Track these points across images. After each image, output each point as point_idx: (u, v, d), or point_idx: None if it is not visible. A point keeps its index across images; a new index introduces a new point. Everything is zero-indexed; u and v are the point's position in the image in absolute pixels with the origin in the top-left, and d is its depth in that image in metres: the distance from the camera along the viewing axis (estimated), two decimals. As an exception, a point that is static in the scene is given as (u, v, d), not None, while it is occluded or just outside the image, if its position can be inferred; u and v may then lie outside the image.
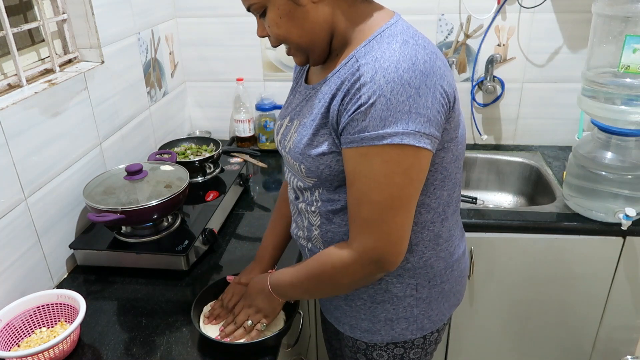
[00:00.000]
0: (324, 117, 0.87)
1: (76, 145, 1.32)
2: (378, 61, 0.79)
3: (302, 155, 0.90)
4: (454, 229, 1.00)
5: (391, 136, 0.78)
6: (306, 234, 1.02)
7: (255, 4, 0.85)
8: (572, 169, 1.53)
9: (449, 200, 0.95)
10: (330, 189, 0.93)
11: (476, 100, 1.94)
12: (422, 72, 0.78)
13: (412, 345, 1.03)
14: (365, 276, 0.89)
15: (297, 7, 0.83)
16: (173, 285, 1.22)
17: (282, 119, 1.01)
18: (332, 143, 0.86)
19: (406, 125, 0.77)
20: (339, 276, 0.90)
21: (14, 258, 1.12)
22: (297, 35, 0.86)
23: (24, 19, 1.29)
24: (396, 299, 0.98)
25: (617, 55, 1.38)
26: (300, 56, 0.91)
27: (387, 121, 0.77)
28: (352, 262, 0.87)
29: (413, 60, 0.79)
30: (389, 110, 0.77)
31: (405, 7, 1.81)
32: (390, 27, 0.84)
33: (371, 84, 0.78)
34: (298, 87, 1.01)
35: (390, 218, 0.82)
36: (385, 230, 0.83)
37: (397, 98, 0.77)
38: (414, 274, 0.96)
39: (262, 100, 1.96)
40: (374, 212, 0.82)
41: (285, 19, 0.84)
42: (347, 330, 1.05)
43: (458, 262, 1.03)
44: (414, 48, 0.80)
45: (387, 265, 0.86)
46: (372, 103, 0.78)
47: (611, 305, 1.62)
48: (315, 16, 0.84)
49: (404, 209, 0.83)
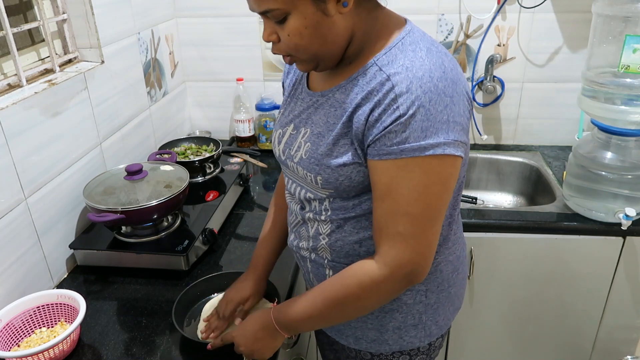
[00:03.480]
0: (345, 127, 0.84)
1: (76, 145, 1.32)
2: (410, 70, 0.78)
3: (319, 166, 0.86)
4: (459, 231, 1.00)
5: (433, 147, 0.77)
6: (311, 245, 0.98)
7: (276, 10, 0.77)
8: (572, 169, 1.53)
9: (454, 203, 0.94)
10: (344, 198, 0.90)
11: (476, 100, 1.94)
12: (452, 80, 0.78)
13: (418, 352, 1.02)
14: (395, 292, 0.86)
15: (325, 18, 0.78)
16: (173, 285, 1.22)
17: (283, 127, 0.96)
18: (354, 154, 0.84)
19: (447, 135, 0.77)
20: (367, 295, 0.85)
21: (14, 258, 1.12)
22: (318, 45, 0.81)
23: (24, 19, 1.29)
24: (405, 306, 0.96)
25: (617, 55, 1.38)
26: (306, 65, 0.85)
27: (428, 132, 0.76)
28: (384, 279, 0.82)
29: (442, 68, 0.78)
30: (429, 120, 0.76)
31: (405, 7, 1.80)
32: (409, 33, 0.83)
33: (408, 94, 0.76)
34: (299, 93, 0.96)
35: (428, 229, 0.81)
36: (422, 243, 0.81)
37: (435, 108, 0.76)
38: (424, 280, 0.94)
39: (262, 100, 1.96)
40: (411, 225, 0.80)
41: (311, 30, 0.79)
42: (351, 342, 1.02)
43: (462, 264, 1.02)
44: (439, 56, 0.80)
45: (418, 278, 0.84)
46: (412, 114, 0.76)
47: (611, 305, 1.62)
48: (339, 26, 0.80)
49: (439, 219, 0.83)
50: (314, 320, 0.91)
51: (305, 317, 0.90)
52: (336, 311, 0.88)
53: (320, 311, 0.88)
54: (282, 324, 0.92)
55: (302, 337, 1.36)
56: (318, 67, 0.86)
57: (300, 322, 0.91)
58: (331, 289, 0.87)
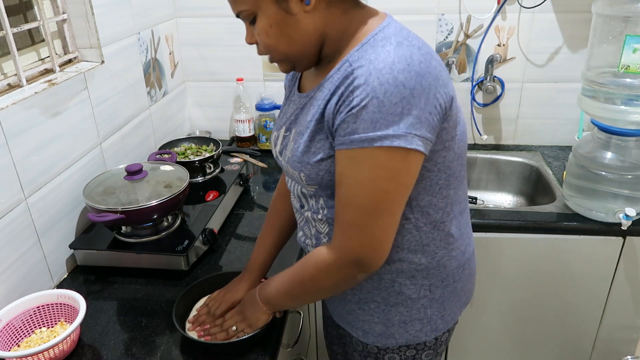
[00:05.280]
0: (319, 123, 0.86)
1: (76, 145, 1.32)
2: (372, 63, 0.78)
3: (300, 164, 0.89)
4: (464, 227, 1.00)
5: (381, 139, 0.77)
6: (315, 242, 1.01)
7: (245, 11, 0.83)
8: (572, 169, 1.53)
9: (455, 198, 0.94)
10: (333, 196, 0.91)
11: (476, 100, 1.94)
12: (417, 72, 0.77)
13: (425, 347, 1.03)
14: (346, 277, 0.88)
15: (288, 17, 0.81)
16: (173, 285, 1.22)
17: (278, 130, 0.99)
18: (329, 147, 0.85)
19: (397, 128, 0.76)
20: (322, 277, 0.89)
21: (14, 258, 1.12)
22: (286, 45, 0.84)
23: (24, 19, 1.29)
24: (410, 300, 0.97)
25: (617, 55, 1.38)
26: (285, 65, 0.89)
27: (378, 124, 0.76)
28: (333, 263, 0.86)
29: (408, 61, 0.77)
30: (381, 112, 0.76)
31: (405, 7, 1.81)
32: (383, 29, 0.83)
33: (365, 85, 0.77)
34: (292, 96, 0.99)
35: (373, 222, 0.82)
36: (367, 234, 0.83)
37: (390, 100, 0.76)
38: (427, 275, 0.95)
39: (262, 100, 1.96)
40: (357, 216, 0.82)
41: (275, 28, 0.82)
42: (360, 335, 1.03)
43: (469, 260, 1.02)
44: (409, 49, 0.79)
45: (368, 267, 0.85)
46: (364, 105, 0.76)
47: (611, 305, 1.62)
48: (306, 25, 0.83)
49: (388, 213, 0.83)
50: (286, 297, 0.98)
51: (278, 293, 0.98)
52: (300, 290, 0.95)
53: (287, 289, 0.96)
54: (263, 297, 1.00)
55: (302, 337, 1.36)
56: (296, 67, 0.90)
57: (275, 297, 0.99)
58: (296, 269, 0.94)
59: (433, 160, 0.86)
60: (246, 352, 1.01)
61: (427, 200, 0.90)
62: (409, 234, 0.92)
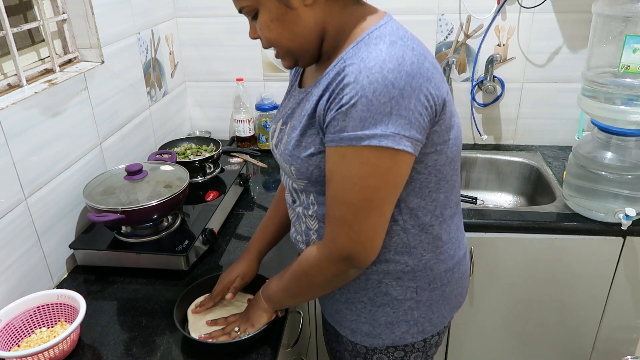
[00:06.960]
0: (311, 118, 0.87)
1: (76, 145, 1.32)
2: (364, 61, 0.78)
3: (291, 157, 0.90)
4: (454, 231, 1.00)
5: (369, 138, 0.77)
6: (304, 239, 1.01)
7: (247, 7, 0.85)
8: (572, 169, 1.53)
9: (445, 202, 0.94)
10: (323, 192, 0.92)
11: (476, 100, 1.94)
12: (408, 73, 0.77)
13: (413, 349, 1.03)
14: (338, 273, 0.89)
15: (288, 11, 0.83)
16: (173, 285, 1.22)
17: (276, 123, 1.00)
18: (320, 142, 0.86)
19: (385, 128, 0.76)
20: (314, 273, 0.91)
21: (14, 258, 1.12)
22: (287, 39, 0.86)
23: (24, 19, 1.29)
24: (396, 302, 0.97)
25: (617, 55, 1.38)
26: (289, 59, 0.91)
27: (366, 122, 0.77)
28: (324, 259, 0.88)
29: (399, 60, 0.77)
30: (370, 111, 0.76)
31: (405, 7, 1.81)
32: (379, 28, 0.83)
33: (354, 84, 0.77)
34: (293, 90, 1.01)
35: (361, 219, 0.83)
36: (356, 231, 0.83)
37: (378, 99, 0.76)
38: (413, 277, 0.95)
39: (262, 100, 1.96)
40: (346, 213, 0.83)
41: (276, 23, 0.84)
42: (348, 334, 1.04)
43: (459, 264, 1.02)
44: (402, 49, 0.79)
45: (358, 263, 0.87)
46: (353, 103, 0.77)
47: (611, 305, 1.62)
48: (306, 20, 0.84)
49: (377, 211, 0.83)
50: (284, 294, 1.00)
51: (278, 290, 1.00)
52: (296, 287, 0.97)
53: (285, 286, 0.98)
54: (266, 295, 1.03)
55: (302, 337, 1.36)
56: (299, 63, 0.91)
57: (275, 294, 1.01)
58: (293, 266, 0.96)
59: (423, 162, 0.86)
60: (246, 352, 1.01)
61: (415, 203, 0.90)
62: (396, 236, 0.92)
